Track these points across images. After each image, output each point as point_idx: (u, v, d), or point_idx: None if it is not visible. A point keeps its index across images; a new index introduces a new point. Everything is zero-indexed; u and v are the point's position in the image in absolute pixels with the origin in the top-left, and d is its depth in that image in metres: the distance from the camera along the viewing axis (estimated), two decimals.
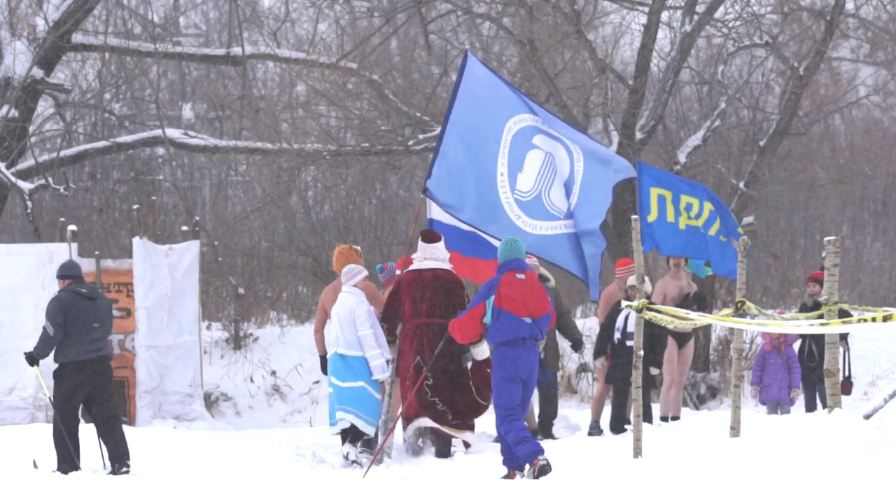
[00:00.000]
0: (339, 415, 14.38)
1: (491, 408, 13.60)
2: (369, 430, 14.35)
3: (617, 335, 16.68)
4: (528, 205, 14.96)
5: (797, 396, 18.16)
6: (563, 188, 15.18)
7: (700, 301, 18.05)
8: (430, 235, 14.91)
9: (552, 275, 17.03)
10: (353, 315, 14.35)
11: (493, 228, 14.89)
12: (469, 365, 14.62)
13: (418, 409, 14.36)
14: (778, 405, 17.99)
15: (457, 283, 14.72)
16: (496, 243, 15.05)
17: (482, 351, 14.19)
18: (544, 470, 11.82)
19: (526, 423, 12.66)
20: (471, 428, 14.59)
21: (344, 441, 14.46)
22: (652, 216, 17.52)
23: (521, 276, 12.44)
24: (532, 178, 15.03)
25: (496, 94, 15.08)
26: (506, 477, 12.19)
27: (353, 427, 14.37)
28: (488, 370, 13.72)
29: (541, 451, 12.00)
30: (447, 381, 14.43)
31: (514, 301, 12.28)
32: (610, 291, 17.53)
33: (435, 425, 14.38)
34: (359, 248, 15.56)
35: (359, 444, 14.38)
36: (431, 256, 14.72)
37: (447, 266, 14.74)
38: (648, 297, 14.99)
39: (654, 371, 16.95)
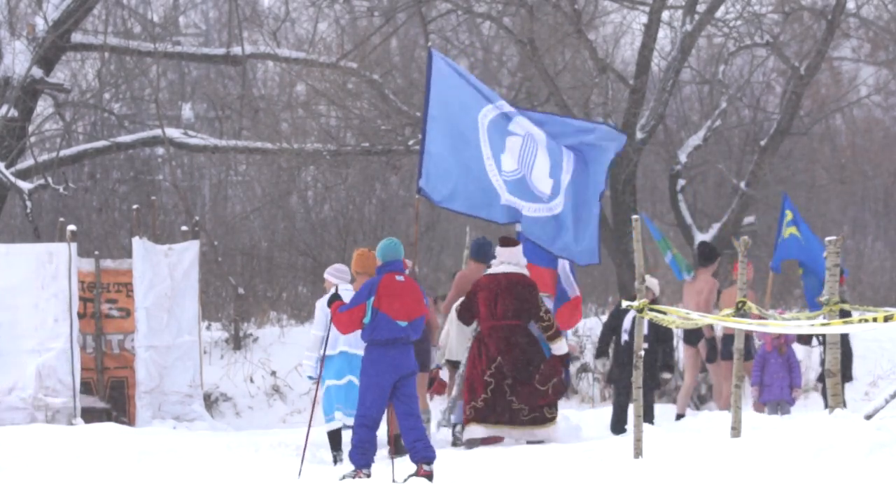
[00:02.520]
0: (339, 415, 14.40)
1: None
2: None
3: (624, 336, 16.60)
4: (514, 184, 15.22)
5: (799, 396, 18.15)
6: (544, 170, 15.40)
7: None
8: (509, 240, 15.31)
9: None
10: None
11: (486, 212, 15.19)
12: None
13: (491, 412, 14.80)
14: (778, 405, 17.96)
15: (530, 287, 15.07)
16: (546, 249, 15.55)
17: (560, 346, 15.07)
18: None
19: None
20: (551, 420, 14.99)
21: (336, 441, 14.44)
22: (786, 233, 18.26)
23: (400, 277, 12.54)
24: (514, 159, 15.29)
25: (463, 88, 15.41)
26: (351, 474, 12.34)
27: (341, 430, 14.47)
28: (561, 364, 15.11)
29: (367, 466, 12.28)
30: (523, 380, 14.87)
31: (392, 304, 12.35)
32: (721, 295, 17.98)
33: (486, 433, 14.82)
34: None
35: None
36: (508, 260, 15.13)
37: (524, 271, 15.12)
38: (654, 298, 15.02)
39: (666, 375, 16.94)
